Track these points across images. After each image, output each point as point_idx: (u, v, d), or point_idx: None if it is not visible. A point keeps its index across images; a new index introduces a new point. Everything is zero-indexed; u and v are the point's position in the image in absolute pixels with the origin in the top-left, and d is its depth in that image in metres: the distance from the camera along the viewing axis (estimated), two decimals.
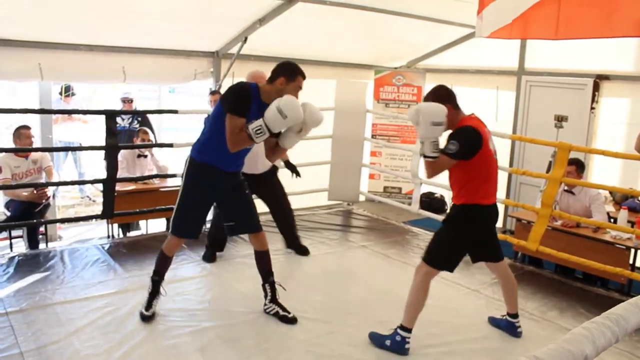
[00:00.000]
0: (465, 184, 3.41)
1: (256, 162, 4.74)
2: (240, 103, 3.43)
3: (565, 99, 7.05)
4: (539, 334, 3.88)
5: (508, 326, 3.81)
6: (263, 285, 3.93)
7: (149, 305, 3.77)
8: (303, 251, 5.26)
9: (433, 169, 3.36)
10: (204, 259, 4.91)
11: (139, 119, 7.29)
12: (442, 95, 3.42)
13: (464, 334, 3.80)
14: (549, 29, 4.79)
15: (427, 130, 3.26)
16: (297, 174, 5.25)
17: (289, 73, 3.58)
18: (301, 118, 3.40)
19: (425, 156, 3.36)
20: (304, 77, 3.67)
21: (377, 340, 3.55)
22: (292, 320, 3.80)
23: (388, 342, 3.49)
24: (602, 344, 1.92)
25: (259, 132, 3.34)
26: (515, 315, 3.77)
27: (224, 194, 3.75)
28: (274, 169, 5.11)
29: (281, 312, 3.83)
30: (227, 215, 3.88)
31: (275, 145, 3.66)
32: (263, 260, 3.92)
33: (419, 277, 3.48)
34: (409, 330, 3.47)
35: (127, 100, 7.23)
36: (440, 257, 3.49)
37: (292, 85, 3.56)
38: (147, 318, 3.71)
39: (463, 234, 3.47)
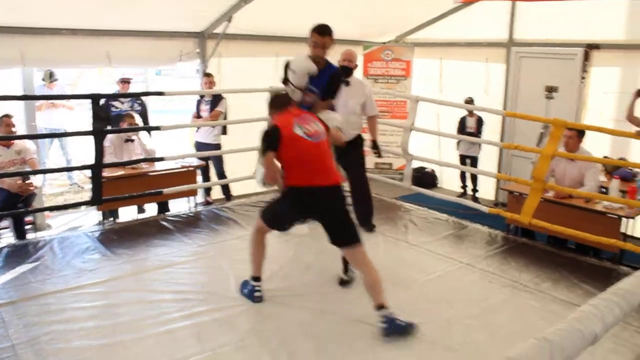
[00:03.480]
0: (285, 170, 3.59)
1: None
2: None
3: (556, 70, 7.01)
4: (534, 306, 3.88)
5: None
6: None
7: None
8: (370, 227, 5.07)
9: (268, 169, 3.58)
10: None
11: (139, 101, 7.17)
12: (271, 105, 3.86)
13: (460, 309, 3.79)
14: None
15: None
16: (379, 155, 5.29)
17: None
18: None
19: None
20: (315, 32, 4.07)
21: (241, 287, 3.97)
22: None
23: (245, 291, 3.91)
24: (611, 321, 1.90)
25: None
26: (380, 307, 3.44)
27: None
28: (356, 141, 4.89)
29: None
30: None
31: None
32: None
33: (253, 230, 3.88)
34: (258, 279, 3.86)
35: (125, 81, 7.10)
36: (269, 218, 3.80)
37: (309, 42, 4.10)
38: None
39: (284, 207, 3.72)
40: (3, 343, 3.19)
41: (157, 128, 5.51)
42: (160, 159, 5.59)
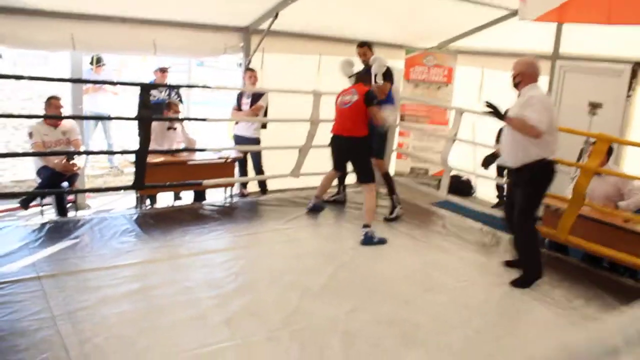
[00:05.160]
0: None
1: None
2: None
3: (601, 86, 6.90)
4: (565, 323, 3.82)
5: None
6: None
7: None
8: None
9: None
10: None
11: (176, 91, 7.30)
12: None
13: (490, 319, 3.78)
14: (601, 14, 4.68)
15: None
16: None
17: None
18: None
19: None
20: (359, 46, 5.85)
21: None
22: None
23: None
24: (632, 335, 1.88)
25: None
26: (367, 226, 5.10)
27: None
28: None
29: None
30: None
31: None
32: None
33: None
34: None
35: (163, 70, 7.23)
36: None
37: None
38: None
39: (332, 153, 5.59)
40: (44, 313, 3.31)
41: (204, 119, 5.61)
42: (202, 150, 5.69)
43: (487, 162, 6.94)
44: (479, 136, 8.22)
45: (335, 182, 6.11)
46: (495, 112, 4.29)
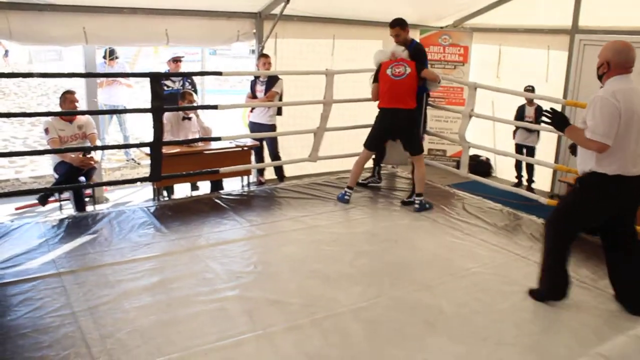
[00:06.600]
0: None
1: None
2: None
3: None
4: (590, 302, 3.74)
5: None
6: None
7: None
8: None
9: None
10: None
11: (189, 80, 7.26)
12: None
13: (514, 302, 3.71)
14: None
15: None
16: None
17: None
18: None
19: None
20: (390, 26, 5.52)
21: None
22: None
23: (339, 195, 5.61)
24: None
25: None
26: (420, 194, 5.51)
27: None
28: None
29: None
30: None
31: None
32: None
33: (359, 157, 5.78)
34: (351, 188, 5.66)
35: (176, 60, 7.20)
36: (368, 144, 5.66)
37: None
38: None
39: (374, 128, 5.64)
40: (65, 310, 3.31)
41: (215, 107, 5.56)
42: (217, 139, 5.66)
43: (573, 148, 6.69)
44: (498, 114, 8.09)
45: (369, 164, 6.08)
46: (554, 122, 3.62)
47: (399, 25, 5.50)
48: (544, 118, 3.66)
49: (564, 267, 3.61)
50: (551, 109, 3.64)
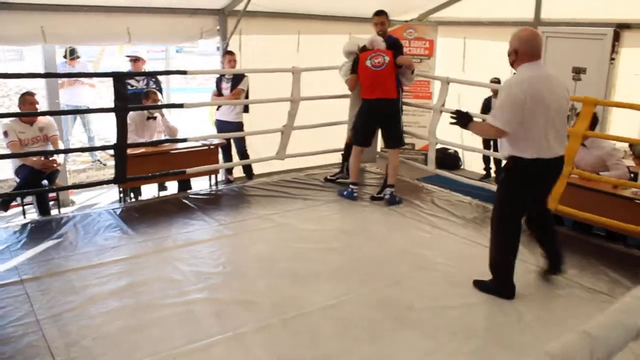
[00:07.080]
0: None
1: None
2: None
3: (584, 50, 6.82)
4: (559, 293, 3.79)
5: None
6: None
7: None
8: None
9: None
10: None
11: (154, 79, 7.13)
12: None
13: (484, 294, 3.71)
14: None
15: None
16: None
17: None
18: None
19: None
20: (376, 14, 5.64)
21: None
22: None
23: (345, 192, 5.63)
24: None
25: None
26: (392, 186, 5.59)
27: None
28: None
29: None
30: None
31: None
32: None
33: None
34: (356, 184, 5.71)
35: (133, 59, 7.05)
36: (355, 137, 5.72)
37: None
38: None
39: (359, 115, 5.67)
40: (28, 318, 3.23)
41: (180, 105, 5.47)
42: (183, 140, 5.58)
43: None
44: (465, 107, 8.13)
45: (339, 159, 6.14)
46: (459, 120, 3.68)
47: (385, 14, 5.64)
48: (450, 120, 3.73)
49: (513, 262, 3.67)
50: (456, 110, 3.76)
